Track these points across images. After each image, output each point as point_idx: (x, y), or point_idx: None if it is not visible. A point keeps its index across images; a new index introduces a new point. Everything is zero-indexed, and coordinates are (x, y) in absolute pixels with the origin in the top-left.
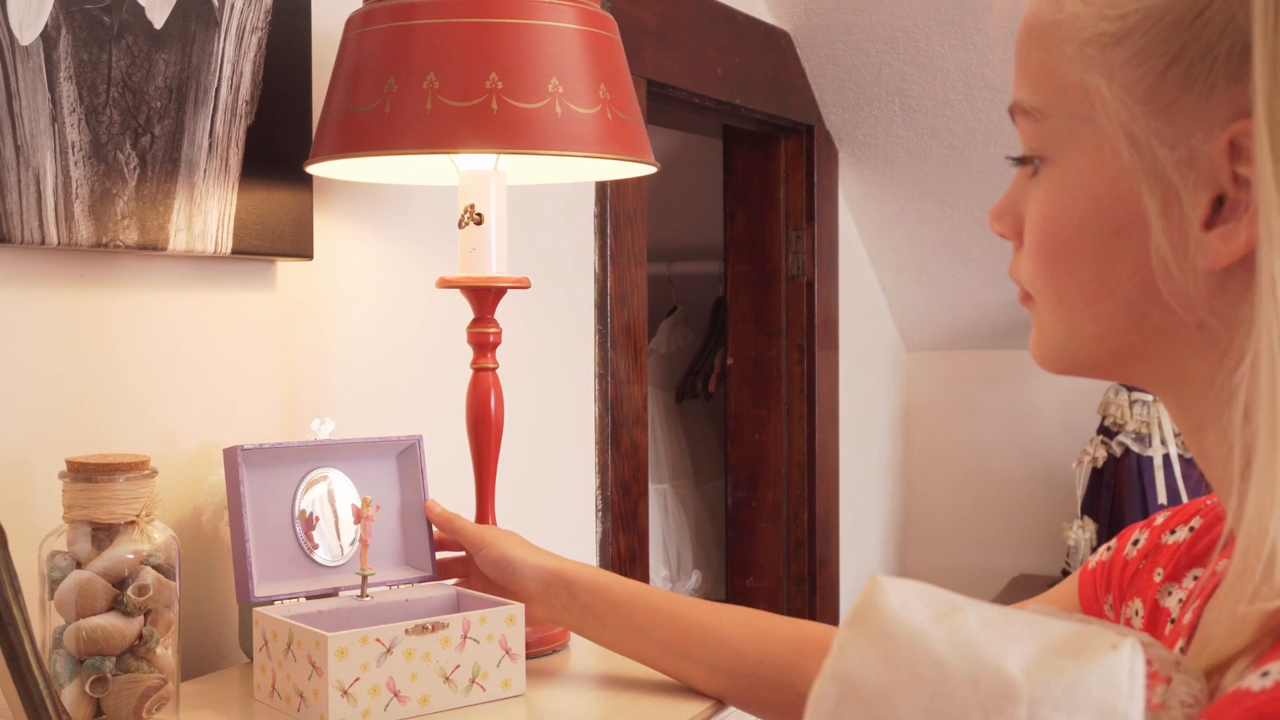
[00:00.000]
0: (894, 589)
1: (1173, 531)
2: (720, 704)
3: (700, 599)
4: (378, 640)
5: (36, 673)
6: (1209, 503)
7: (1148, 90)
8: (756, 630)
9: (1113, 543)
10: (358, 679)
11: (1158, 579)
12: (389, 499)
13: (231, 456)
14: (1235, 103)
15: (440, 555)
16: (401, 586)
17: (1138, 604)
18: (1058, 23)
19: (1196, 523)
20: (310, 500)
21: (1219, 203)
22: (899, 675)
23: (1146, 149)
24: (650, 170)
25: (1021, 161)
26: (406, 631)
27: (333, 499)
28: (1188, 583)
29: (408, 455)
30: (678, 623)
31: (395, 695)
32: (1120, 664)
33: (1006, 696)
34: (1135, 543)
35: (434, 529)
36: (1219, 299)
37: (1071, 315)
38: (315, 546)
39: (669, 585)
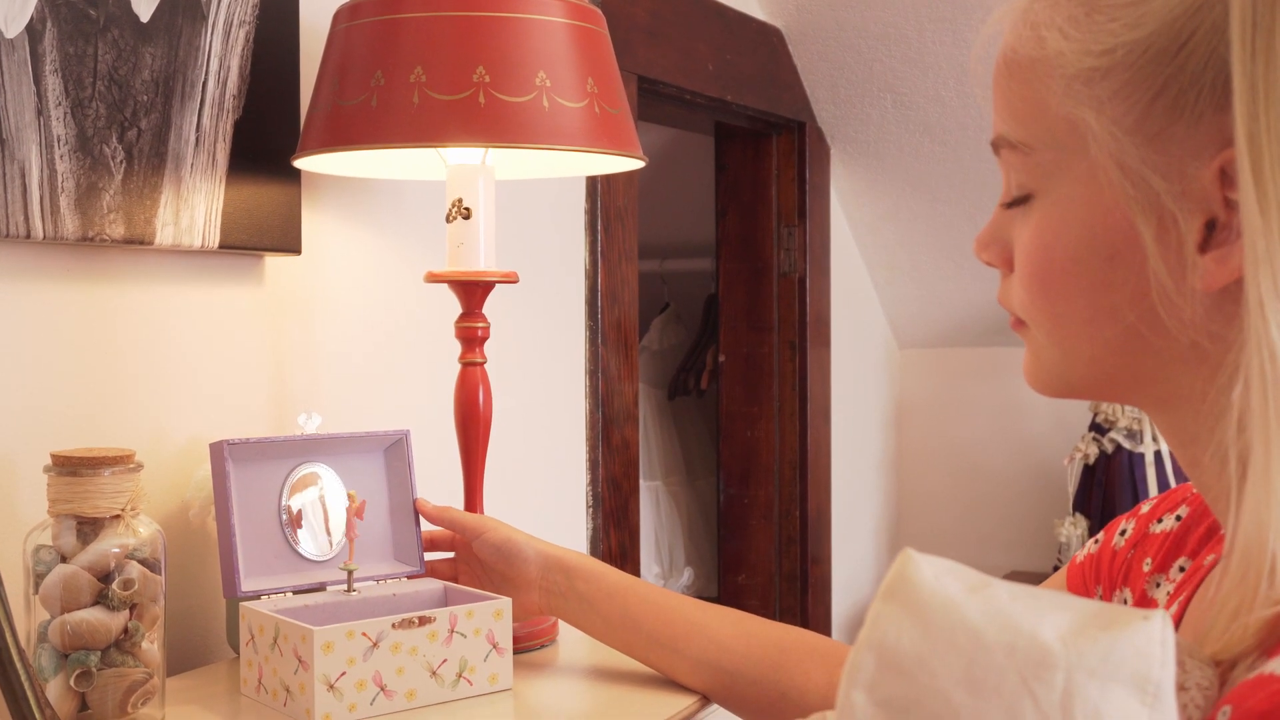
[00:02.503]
0: (926, 563)
1: (1160, 520)
2: (705, 700)
3: (693, 598)
4: (364, 634)
5: (19, 667)
6: (1195, 490)
7: (1136, 121)
8: (745, 630)
9: (1100, 535)
10: (344, 673)
11: (1146, 569)
12: (377, 494)
13: (218, 451)
14: (1223, 130)
15: (428, 556)
16: (389, 581)
17: (1126, 593)
18: (1041, 58)
19: (1183, 511)
20: (297, 495)
21: (1210, 227)
22: (935, 644)
23: (1139, 178)
24: (638, 165)
25: (1012, 204)
26: (393, 626)
27: (320, 494)
28: (1174, 574)
29: (395, 450)
30: (669, 615)
31: (382, 689)
32: (1153, 634)
33: (1044, 664)
34: (1123, 533)
35: (422, 525)
36: (1213, 319)
37: (1067, 340)
38: (301, 541)
39: (661, 582)
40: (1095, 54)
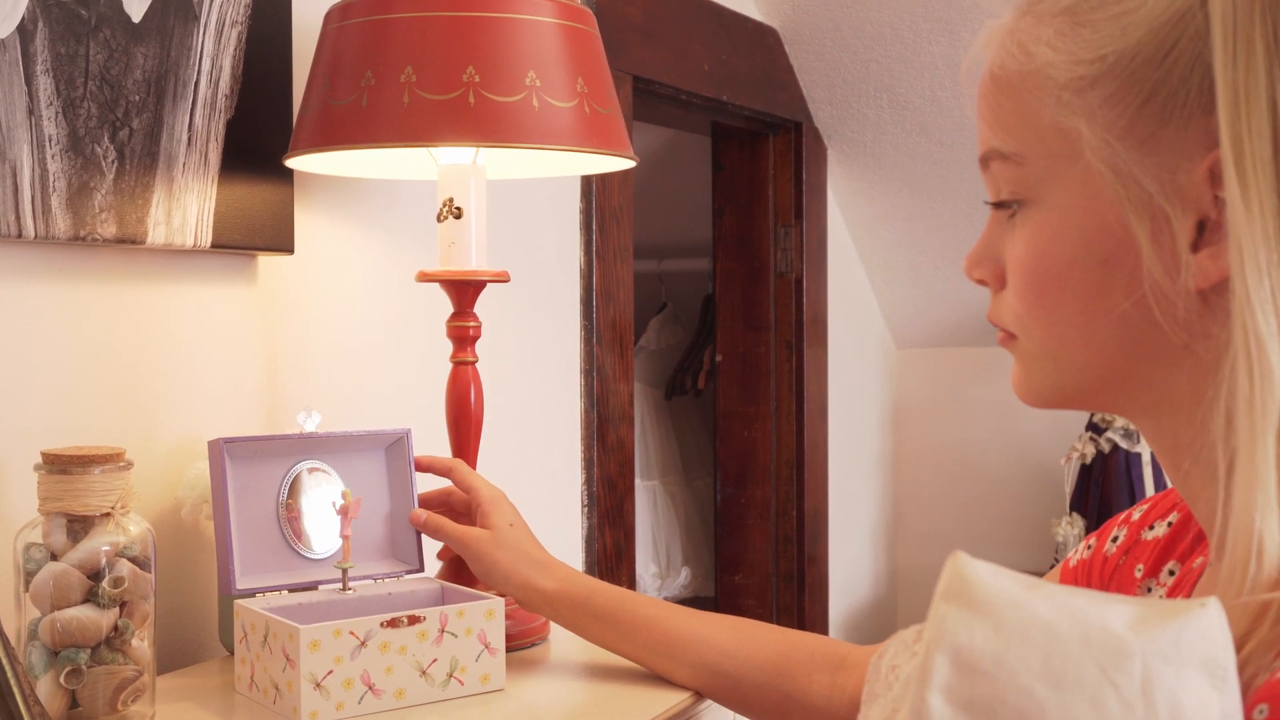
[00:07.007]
0: (980, 564)
1: (1151, 527)
2: (699, 697)
3: (686, 607)
4: (351, 633)
5: (7, 664)
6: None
7: (1127, 126)
8: (743, 634)
9: (1092, 540)
10: (331, 671)
11: (1138, 574)
12: (376, 493)
13: (215, 449)
14: (1210, 132)
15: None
16: (387, 580)
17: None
18: (1031, 71)
19: (1174, 518)
20: (295, 493)
21: (1201, 227)
22: (1009, 640)
23: (1131, 181)
24: (629, 164)
25: (1000, 206)
26: (381, 625)
27: (318, 492)
28: (1164, 578)
29: (396, 449)
30: (661, 626)
31: (370, 688)
32: (1213, 619)
33: (1120, 653)
34: (1114, 539)
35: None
36: (1205, 319)
37: (1061, 347)
38: (300, 540)
39: (658, 581)
40: (1085, 62)
